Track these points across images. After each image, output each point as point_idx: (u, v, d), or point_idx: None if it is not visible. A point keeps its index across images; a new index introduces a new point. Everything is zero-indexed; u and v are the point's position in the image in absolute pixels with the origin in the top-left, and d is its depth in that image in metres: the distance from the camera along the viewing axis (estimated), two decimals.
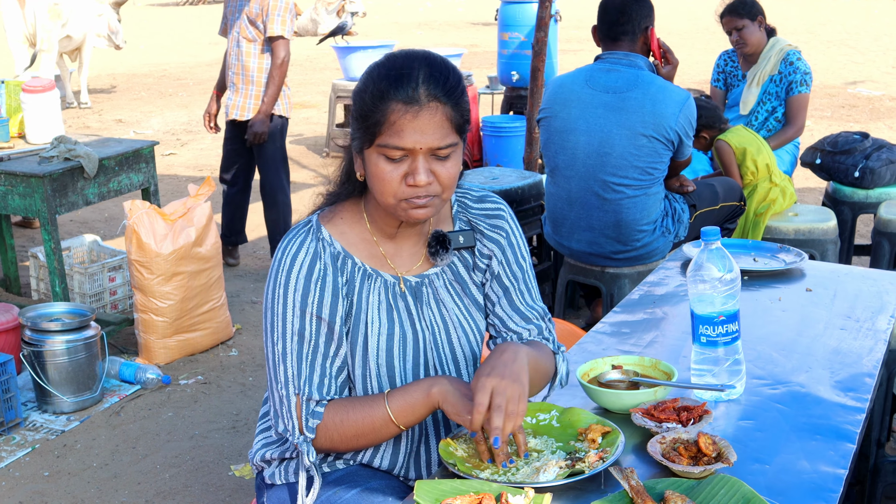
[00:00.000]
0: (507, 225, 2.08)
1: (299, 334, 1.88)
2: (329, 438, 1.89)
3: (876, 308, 2.61)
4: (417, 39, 18.58)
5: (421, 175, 1.80)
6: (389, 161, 1.81)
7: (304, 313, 1.88)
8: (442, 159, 1.82)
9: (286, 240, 1.93)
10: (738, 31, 5.15)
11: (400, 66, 1.81)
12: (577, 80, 3.94)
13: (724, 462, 1.71)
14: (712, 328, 2.05)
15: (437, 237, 1.99)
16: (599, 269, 4.05)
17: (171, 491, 3.57)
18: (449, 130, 1.81)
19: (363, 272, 1.94)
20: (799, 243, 4.47)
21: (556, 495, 1.69)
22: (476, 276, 2.07)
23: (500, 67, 7.87)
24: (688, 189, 4.07)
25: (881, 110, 11.18)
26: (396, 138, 1.78)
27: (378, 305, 1.94)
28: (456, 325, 2.02)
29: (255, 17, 5.47)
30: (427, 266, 2.02)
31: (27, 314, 4.17)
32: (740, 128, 4.69)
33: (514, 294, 2.08)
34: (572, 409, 1.97)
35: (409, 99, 1.77)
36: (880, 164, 5.00)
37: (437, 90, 1.79)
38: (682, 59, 15.33)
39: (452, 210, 2.08)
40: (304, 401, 1.88)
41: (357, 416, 1.87)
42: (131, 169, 4.84)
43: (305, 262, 1.89)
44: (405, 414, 1.86)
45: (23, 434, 3.97)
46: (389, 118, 1.78)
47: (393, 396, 1.86)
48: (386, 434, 1.88)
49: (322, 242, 1.92)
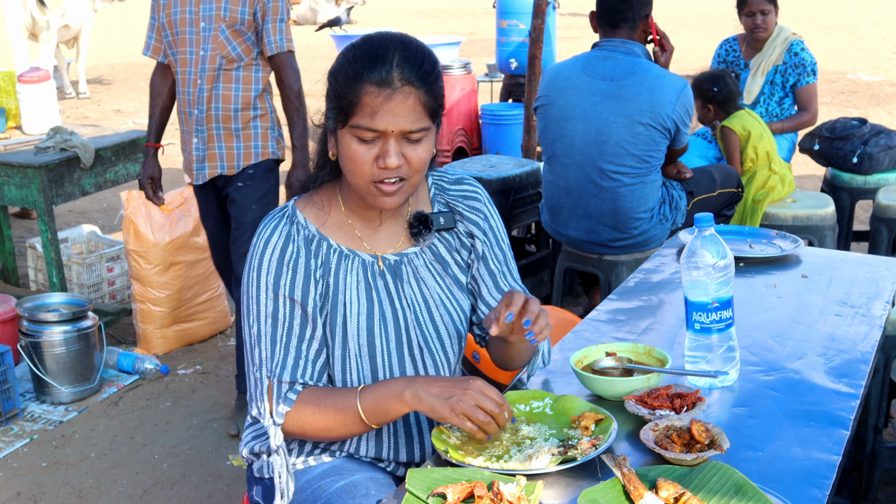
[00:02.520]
0: (484, 208, 2.10)
1: (272, 316, 1.89)
2: (300, 427, 1.88)
3: (872, 294, 2.61)
4: (416, 27, 18.54)
5: (392, 157, 1.81)
6: (362, 142, 1.82)
7: (276, 295, 1.88)
8: (413, 143, 1.83)
9: (262, 225, 1.95)
10: (763, 15, 5.06)
11: (375, 48, 1.81)
12: (574, 68, 3.92)
13: (717, 449, 1.71)
14: (706, 315, 2.05)
15: (419, 217, 2.00)
16: (597, 257, 4.04)
17: (170, 481, 3.57)
18: (422, 115, 1.82)
19: (339, 253, 1.94)
20: (797, 229, 4.47)
21: (548, 483, 1.69)
22: (460, 255, 2.07)
23: (498, 55, 7.84)
24: (685, 176, 4.06)
25: (880, 96, 11.16)
26: (369, 120, 1.79)
27: (357, 286, 1.94)
28: (438, 303, 2.02)
29: (244, 26, 3.76)
30: (406, 245, 2.02)
31: (25, 305, 4.17)
32: (745, 113, 4.67)
33: (499, 278, 2.10)
34: (566, 397, 1.96)
35: (383, 81, 1.78)
36: (879, 149, 4.98)
37: (411, 74, 1.79)
38: (680, 45, 15.31)
39: (430, 192, 2.08)
40: (276, 383, 1.87)
41: (328, 410, 1.86)
42: (128, 159, 4.84)
43: (278, 245, 1.90)
44: (376, 414, 1.83)
45: (21, 425, 3.98)
46: (363, 99, 1.79)
47: (365, 394, 1.84)
48: (357, 430, 1.87)
49: (296, 226, 1.93)
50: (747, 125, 4.59)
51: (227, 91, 3.79)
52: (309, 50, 16.56)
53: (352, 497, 1.89)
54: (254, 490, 2.10)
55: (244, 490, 3.44)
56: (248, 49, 3.79)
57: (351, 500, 1.88)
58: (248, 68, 3.82)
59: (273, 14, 3.76)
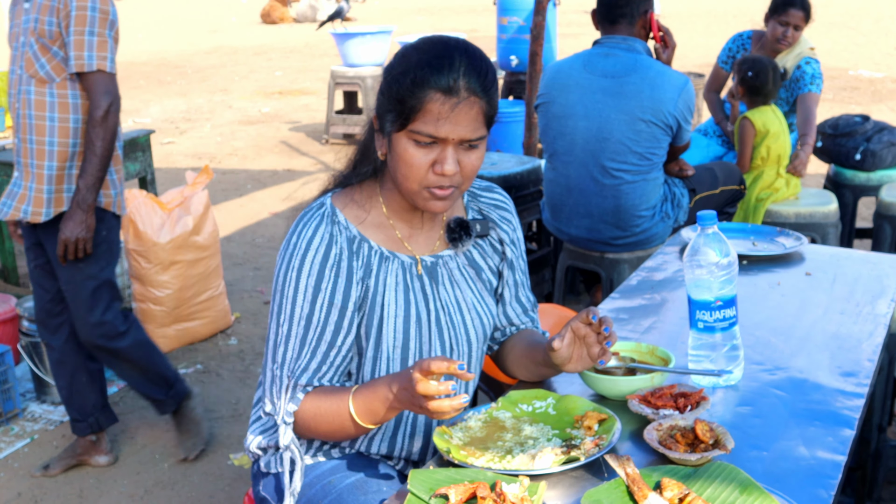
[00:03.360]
0: (513, 218, 2.14)
1: (307, 319, 1.87)
2: (307, 428, 1.88)
3: (876, 292, 2.59)
4: (417, 24, 18.53)
5: (449, 164, 1.80)
6: (419, 147, 1.80)
7: (315, 299, 1.87)
8: (469, 151, 1.83)
9: (300, 222, 1.91)
10: (795, 30, 4.89)
11: (440, 54, 1.79)
12: (575, 66, 3.91)
13: (722, 449, 1.69)
14: (709, 313, 2.03)
15: (459, 223, 2.01)
16: (599, 255, 4.03)
17: (171, 481, 3.56)
18: (481, 124, 1.81)
19: (380, 255, 1.93)
20: (800, 227, 4.45)
21: (551, 483, 1.68)
22: (493, 261, 2.10)
23: (499, 52, 7.83)
24: (687, 173, 4.04)
25: (882, 92, 11.14)
26: (431, 127, 1.77)
27: (395, 287, 1.94)
28: (470, 306, 2.03)
29: (51, 40, 3.20)
30: (442, 248, 2.03)
31: (24, 305, 4.16)
32: (769, 109, 4.61)
33: (519, 288, 2.15)
34: (569, 397, 1.95)
35: (449, 90, 1.76)
36: (881, 146, 4.96)
37: (476, 84, 1.78)
38: (683, 41, 15.30)
39: (464, 199, 2.10)
40: (293, 385, 1.87)
41: (327, 407, 1.84)
42: (127, 158, 4.82)
43: (321, 247, 1.87)
44: (369, 415, 1.81)
45: (21, 425, 3.97)
46: (426, 106, 1.77)
47: (356, 396, 1.82)
48: (357, 432, 1.85)
49: (338, 226, 1.90)
50: (768, 122, 4.54)
51: (40, 120, 3.25)
52: (309, 48, 16.57)
53: (363, 493, 1.89)
54: (260, 485, 2.09)
55: (245, 489, 3.44)
56: (59, 67, 3.23)
57: (362, 496, 1.88)
58: (63, 93, 3.24)
59: (78, 24, 3.16)
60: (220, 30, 20.40)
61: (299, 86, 12.52)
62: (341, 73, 8.87)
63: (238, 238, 6.39)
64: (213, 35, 19.11)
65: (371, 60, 8.90)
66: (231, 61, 15.30)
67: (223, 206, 7.19)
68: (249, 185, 7.83)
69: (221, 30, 20.38)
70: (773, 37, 4.94)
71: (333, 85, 8.94)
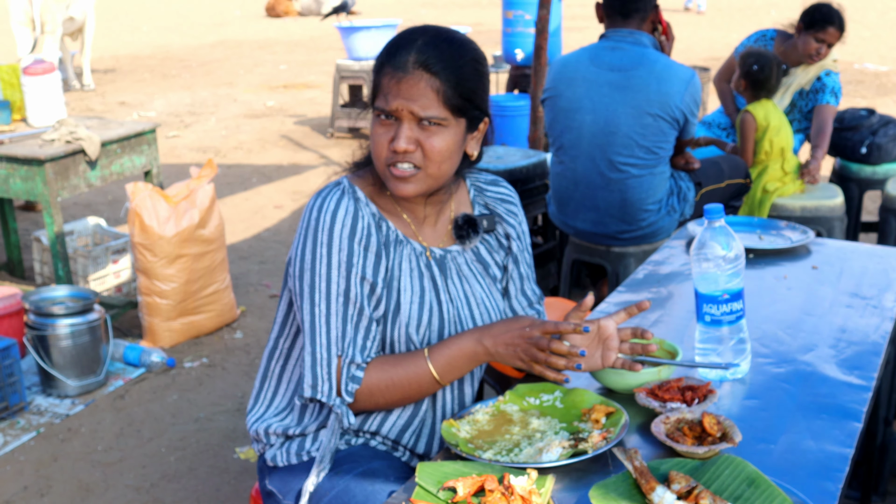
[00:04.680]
0: (518, 212, 2.15)
1: (345, 295, 1.88)
2: (372, 400, 1.91)
3: (883, 285, 2.59)
4: (422, 18, 18.50)
5: (401, 141, 1.84)
6: (380, 124, 1.87)
7: (350, 274, 1.88)
8: (427, 131, 1.85)
9: (319, 198, 1.92)
10: (828, 47, 4.83)
11: (403, 35, 1.88)
12: (582, 59, 3.90)
13: (729, 442, 1.69)
14: (716, 307, 2.03)
15: (467, 220, 2.03)
16: (605, 249, 4.03)
17: (177, 474, 3.57)
18: (434, 101, 1.83)
19: (396, 237, 1.95)
20: (805, 220, 4.45)
21: (559, 476, 1.68)
22: (499, 256, 2.11)
23: (504, 46, 7.82)
24: (693, 167, 4.04)
25: (888, 86, 11.11)
26: (383, 101, 1.85)
27: (410, 273, 1.96)
28: (479, 301, 2.05)
29: None
30: (450, 243, 2.05)
31: (30, 298, 4.16)
32: (770, 103, 4.60)
33: (525, 282, 2.17)
34: (576, 390, 1.95)
35: (398, 64, 1.84)
36: (887, 139, 4.95)
37: (429, 58, 1.83)
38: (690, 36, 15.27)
39: (470, 194, 2.11)
40: (346, 363, 1.88)
41: (400, 378, 1.89)
42: (133, 151, 4.83)
43: (347, 221, 1.88)
44: (449, 371, 1.90)
45: (27, 418, 3.97)
46: (381, 81, 1.86)
47: (435, 355, 1.90)
48: (428, 391, 1.92)
49: (359, 203, 1.92)
50: (769, 115, 4.53)
51: None
52: (314, 41, 16.56)
53: (371, 483, 1.89)
54: (267, 479, 2.09)
55: (252, 483, 3.45)
56: None
57: (370, 485, 1.88)
58: None
59: None
60: (224, 23, 20.39)
61: (304, 79, 12.52)
62: (346, 67, 8.86)
63: (243, 232, 6.39)
64: (218, 28, 19.10)
65: (376, 54, 8.87)
66: (236, 55, 15.29)
67: (228, 199, 7.19)
68: (254, 179, 7.83)
69: (226, 23, 20.37)
70: (805, 51, 4.82)
71: (338, 79, 8.93)
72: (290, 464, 2.05)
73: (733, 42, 12.72)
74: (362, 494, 1.87)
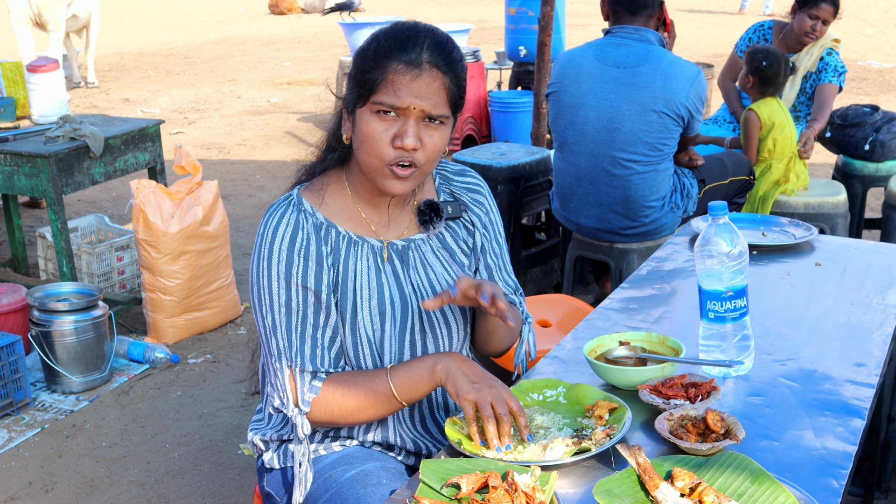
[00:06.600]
0: (486, 201, 2.14)
1: (286, 305, 1.88)
2: (328, 412, 1.89)
3: (886, 282, 2.59)
4: (424, 15, 18.48)
5: (409, 138, 1.82)
6: (381, 120, 1.83)
7: (289, 284, 1.88)
8: (431, 129, 1.85)
9: (267, 214, 1.94)
10: (824, 24, 4.87)
11: (406, 31, 1.85)
12: (587, 55, 3.90)
13: (733, 439, 1.70)
14: (720, 304, 2.03)
15: (429, 205, 2.02)
16: (608, 245, 4.03)
17: (181, 470, 3.57)
18: (443, 100, 1.84)
19: (348, 240, 1.95)
20: (809, 217, 4.44)
21: (562, 473, 1.68)
22: (466, 244, 2.10)
23: (507, 42, 7.82)
24: (696, 163, 4.04)
25: (891, 83, 11.09)
26: (393, 96, 1.81)
27: (367, 272, 1.95)
28: (444, 288, 2.02)
29: None
30: (414, 232, 2.04)
31: (35, 294, 4.17)
32: (775, 101, 4.58)
33: (495, 272, 2.14)
34: (579, 386, 1.95)
35: (412, 61, 1.81)
36: (890, 136, 4.95)
37: (439, 58, 1.83)
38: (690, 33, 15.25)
39: (435, 182, 2.11)
40: (298, 373, 1.87)
41: (358, 390, 1.87)
42: (137, 148, 4.83)
43: (287, 233, 1.89)
44: (407, 390, 1.87)
45: (32, 414, 3.98)
46: (389, 76, 1.81)
47: (396, 372, 1.88)
48: (387, 409, 1.89)
49: (304, 213, 1.92)
50: (773, 114, 4.52)
51: None
52: (317, 38, 16.55)
53: (363, 486, 1.89)
54: (264, 480, 2.10)
55: (255, 479, 3.45)
56: None
57: (362, 489, 1.88)
58: None
59: None
60: (228, 20, 20.39)
61: (308, 76, 12.52)
62: (349, 64, 8.84)
63: (247, 228, 6.40)
64: (222, 25, 19.10)
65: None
66: (239, 52, 15.29)
67: (232, 196, 7.20)
68: (258, 176, 7.84)
69: (229, 20, 20.37)
70: (800, 30, 4.88)
71: (342, 75, 8.93)
72: (284, 466, 2.06)
73: None
74: (353, 498, 1.87)
